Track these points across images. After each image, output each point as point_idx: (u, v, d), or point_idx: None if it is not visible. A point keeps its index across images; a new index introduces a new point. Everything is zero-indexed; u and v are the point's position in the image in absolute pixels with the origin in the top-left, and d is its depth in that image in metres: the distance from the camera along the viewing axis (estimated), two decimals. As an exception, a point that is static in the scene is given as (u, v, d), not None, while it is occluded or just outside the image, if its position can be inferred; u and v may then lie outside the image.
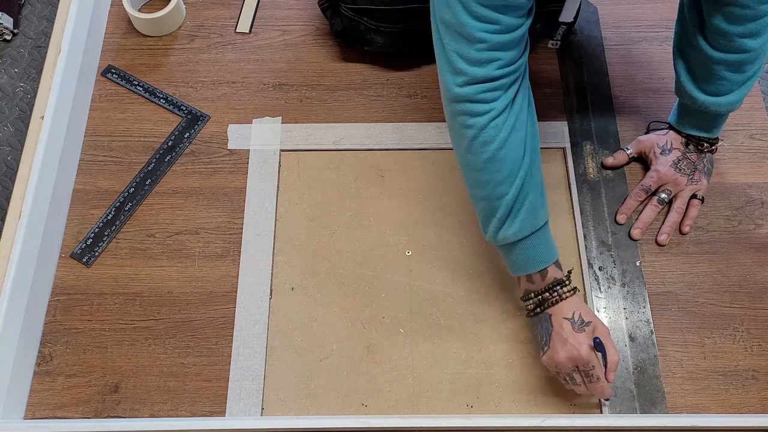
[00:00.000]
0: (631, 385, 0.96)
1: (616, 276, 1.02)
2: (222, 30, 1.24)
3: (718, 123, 1.03)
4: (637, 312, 1.00)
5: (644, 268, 1.03)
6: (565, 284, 0.90)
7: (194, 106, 1.17)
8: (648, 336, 0.98)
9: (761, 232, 1.07)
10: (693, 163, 1.05)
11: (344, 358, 0.98)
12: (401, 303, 1.02)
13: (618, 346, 0.97)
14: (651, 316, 1.00)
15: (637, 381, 0.96)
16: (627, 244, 1.05)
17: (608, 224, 1.06)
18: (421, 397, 0.96)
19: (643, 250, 1.05)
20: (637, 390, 0.95)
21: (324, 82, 1.19)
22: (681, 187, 1.05)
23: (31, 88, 1.28)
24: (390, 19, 1.08)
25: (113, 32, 1.24)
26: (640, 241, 1.05)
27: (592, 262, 1.03)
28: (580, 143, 1.11)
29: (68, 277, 1.04)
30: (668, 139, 1.06)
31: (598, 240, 1.04)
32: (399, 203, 1.09)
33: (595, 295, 1.01)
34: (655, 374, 0.96)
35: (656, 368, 0.96)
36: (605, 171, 1.10)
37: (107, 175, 1.11)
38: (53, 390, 0.96)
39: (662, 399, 0.95)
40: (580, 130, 1.12)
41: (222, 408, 0.95)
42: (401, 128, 1.14)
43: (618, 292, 1.01)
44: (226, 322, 1.00)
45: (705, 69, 0.96)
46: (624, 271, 1.03)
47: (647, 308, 1.00)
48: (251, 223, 1.07)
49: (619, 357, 0.91)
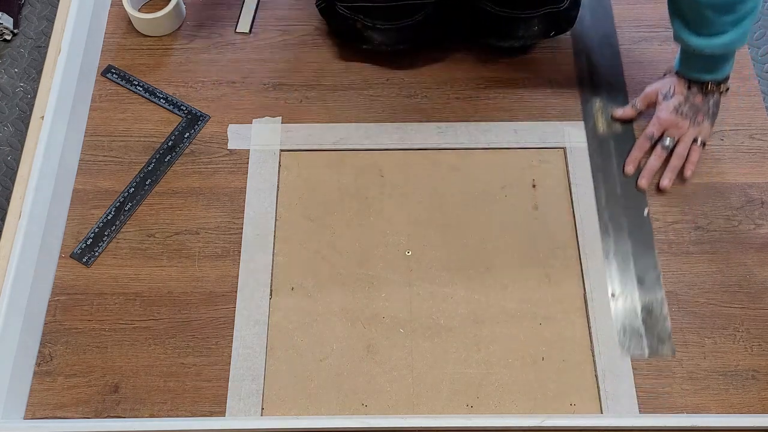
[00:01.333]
0: (639, 325, 0.99)
1: (624, 224, 1.05)
2: (222, 30, 1.24)
3: (720, 64, 1.03)
4: (644, 257, 1.03)
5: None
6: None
7: (194, 106, 1.17)
8: (655, 279, 1.02)
9: (761, 232, 1.07)
10: (696, 106, 1.06)
11: (344, 358, 0.98)
12: (401, 303, 1.02)
13: (627, 288, 1.01)
14: (658, 260, 1.03)
15: (645, 321, 0.99)
16: (635, 195, 1.08)
17: (617, 176, 1.09)
18: (421, 397, 0.96)
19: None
20: (645, 329, 0.98)
21: (324, 82, 1.19)
22: (683, 131, 1.06)
23: (31, 88, 1.28)
24: (386, 16, 1.08)
25: (113, 32, 1.24)
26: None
27: (602, 212, 1.06)
28: (590, 100, 1.16)
29: (68, 277, 1.04)
30: (671, 84, 1.07)
31: (608, 191, 1.07)
32: (399, 203, 1.09)
33: (605, 242, 1.04)
34: (662, 314, 0.99)
35: (663, 308, 1.00)
36: (615, 126, 1.13)
37: (107, 175, 1.11)
38: (53, 390, 0.97)
39: (669, 338, 0.98)
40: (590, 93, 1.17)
41: (222, 408, 0.95)
42: (401, 128, 1.14)
43: (627, 238, 1.04)
44: (226, 322, 1.00)
45: (695, 12, 0.97)
46: (632, 219, 1.06)
47: (654, 253, 1.03)
48: (251, 223, 1.07)
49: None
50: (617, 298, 1.01)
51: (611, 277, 1.02)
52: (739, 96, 1.17)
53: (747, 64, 1.20)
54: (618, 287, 1.02)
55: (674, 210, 1.08)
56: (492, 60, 1.20)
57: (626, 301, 1.01)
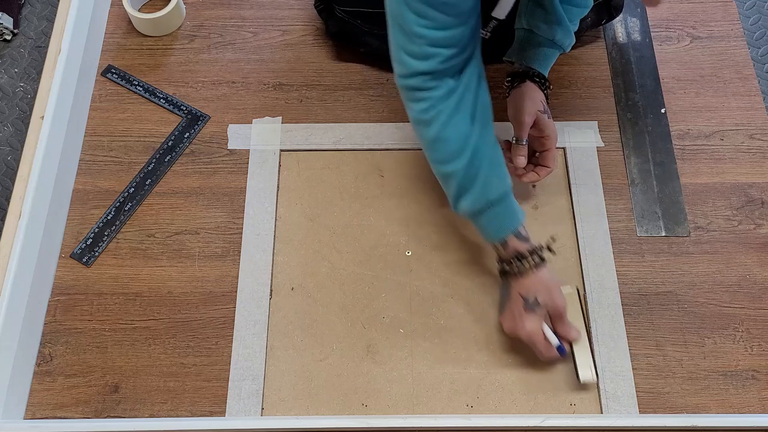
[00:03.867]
0: (656, 209, 1.06)
1: (641, 122, 1.14)
2: (222, 30, 1.24)
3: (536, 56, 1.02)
4: (661, 152, 1.10)
5: (644, 269, 1.03)
6: (527, 258, 0.92)
7: (194, 106, 1.17)
8: (674, 171, 1.10)
9: (761, 232, 1.07)
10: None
11: (344, 358, 0.98)
12: (401, 303, 1.02)
13: (645, 178, 1.09)
14: (674, 153, 1.11)
15: (661, 203, 1.07)
16: (654, 92, 1.15)
17: (636, 78, 1.18)
18: (421, 397, 0.96)
19: (643, 250, 1.05)
20: (662, 211, 1.06)
21: (324, 82, 1.19)
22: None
23: (31, 88, 1.28)
24: (383, 22, 1.07)
25: (113, 32, 1.24)
26: (644, 248, 1.05)
27: (623, 106, 1.15)
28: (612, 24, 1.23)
29: (68, 277, 1.04)
30: (540, 98, 1.02)
31: (627, 88, 1.16)
32: (399, 203, 1.09)
33: (624, 135, 1.13)
34: (678, 199, 1.07)
35: (679, 195, 1.07)
36: (634, 52, 1.20)
37: (107, 175, 1.11)
38: (53, 390, 0.97)
39: (684, 219, 1.06)
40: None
41: (222, 408, 0.95)
42: (401, 128, 1.14)
43: (644, 131, 1.13)
44: (226, 322, 1.00)
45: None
46: (651, 116, 1.14)
47: (671, 146, 1.12)
48: (251, 223, 1.07)
49: (579, 335, 0.94)
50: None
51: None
52: (739, 96, 1.17)
53: (747, 64, 1.20)
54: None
55: (674, 210, 1.08)
56: (491, 61, 1.20)
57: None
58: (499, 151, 0.92)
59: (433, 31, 0.81)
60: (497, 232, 0.93)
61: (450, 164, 0.90)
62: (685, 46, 1.22)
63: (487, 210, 0.91)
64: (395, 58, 0.87)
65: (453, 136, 0.88)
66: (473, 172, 0.89)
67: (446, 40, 0.82)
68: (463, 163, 0.89)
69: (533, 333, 0.92)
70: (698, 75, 1.19)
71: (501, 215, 0.92)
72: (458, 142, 0.88)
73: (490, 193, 0.90)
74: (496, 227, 0.92)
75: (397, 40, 0.85)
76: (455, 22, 0.81)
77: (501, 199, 0.91)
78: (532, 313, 0.92)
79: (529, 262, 0.92)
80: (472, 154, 0.89)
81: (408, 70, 0.86)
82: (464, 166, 0.89)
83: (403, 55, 0.85)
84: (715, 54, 1.21)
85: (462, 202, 0.92)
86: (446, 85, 0.86)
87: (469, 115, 0.88)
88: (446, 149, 0.89)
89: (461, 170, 0.89)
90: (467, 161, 0.89)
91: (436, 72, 0.85)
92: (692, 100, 1.17)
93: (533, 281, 0.92)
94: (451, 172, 0.90)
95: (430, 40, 0.82)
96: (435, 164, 0.93)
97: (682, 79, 1.19)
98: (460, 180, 0.90)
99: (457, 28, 0.82)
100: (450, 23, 0.81)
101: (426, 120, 0.88)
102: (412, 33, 0.82)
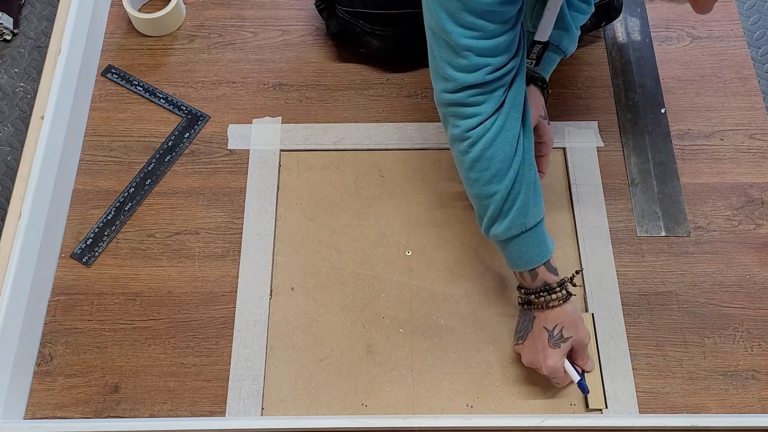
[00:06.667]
0: (656, 209, 1.06)
1: (641, 122, 1.14)
2: (222, 30, 1.24)
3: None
4: (661, 152, 1.10)
5: (644, 269, 1.03)
6: (555, 291, 0.89)
7: (194, 106, 1.17)
8: (674, 171, 1.10)
9: (761, 232, 1.07)
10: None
11: (344, 358, 0.98)
12: (401, 303, 1.02)
13: (645, 178, 1.09)
14: (674, 153, 1.11)
15: (661, 203, 1.06)
16: (654, 92, 1.16)
17: (636, 78, 1.18)
18: (421, 397, 0.96)
19: (643, 250, 1.05)
20: (662, 211, 1.06)
21: (324, 82, 1.19)
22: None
23: (31, 88, 1.28)
24: (385, 22, 1.07)
25: (113, 32, 1.24)
26: (644, 248, 1.05)
27: (623, 106, 1.16)
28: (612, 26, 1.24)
29: (68, 277, 1.04)
30: (540, 104, 1.01)
31: (627, 88, 1.16)
32: (399, 203, 1.09)
33: (624, 135, 1.13)
34: (678, 199, 1.07)
35: (679, 195, 1.07)
36: (634, 52, 1.20)
37: (107, 175, 1.11)
38: (53, 390, 0.97)
39: (684, 219, 1.06)
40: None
41: (222, 408, 0.95)
42: (401, 128, 1.14)
43: (644, 131, 1.12)
44: (226, 322, 1.00)
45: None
46: (651, 116, 1.15)
47: (671, 146, 1.12)
48: (251, 223, 1.07)
49: (594, 365, 0.94)
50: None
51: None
52: (739, 96, 1.17)
53: (747, 64, 1.20)
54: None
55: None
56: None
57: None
58: (537, 174, 0.89)
59: (481, 41, 0.79)
60: (528, 261, 0.88)
61: (492, 185, 0.86)
62: (685, 46, 1.22)
63: (520, 236, 0.87)
64: (439, 74, 0.84)
65: (498, 156, 0.85)
66: (514, 195, 0.86)
67: (493, 49, 0.81)
68: (506, 184, 0.85)
69: (556, 369, 0.90)
70: (698, 75, 1.19)
71: (534, 243, 0.88)
72: (503, 162, 0.85)
73: (528, 219, 0.87)
74: (528, 256, 0.88)
75: (442, 56, 0.82)
76: (502, 29, 0.80)
77: (537, 226, 0.88)
78: (557, 349, 0.89)
79: (558, 294, 0.89)
80: (516, 176, 0.85)
81: (456, 84, 0.83)
82: (506, 187, 0.85)
83: (449, 69, 0.82)
84: (715, 54, 1.21)
85: (496, 227, 0.88)
86: (494, 101, 0.84)
87: (514, 135, 0.86)
88: (490, 169, 0.85)
89: (502, 192, 0.85)
90: (510, 183, 0.85)
91: (484, 84, 0.82)
92: (692, 100, 1.17)
93: (559, 314, 0.89)
94: (492, 194, 0.86)
95: (479, 50, 0.80)
96: (474, 184, 0.88)
97: (682, 79, 1.19)
98: (498, 203, 0.86)
99: (504, 35, 0.81)
100: (497, 31, 0.80)
101: (471, 138, 0.85)
102: (459, 46, 0.80)
